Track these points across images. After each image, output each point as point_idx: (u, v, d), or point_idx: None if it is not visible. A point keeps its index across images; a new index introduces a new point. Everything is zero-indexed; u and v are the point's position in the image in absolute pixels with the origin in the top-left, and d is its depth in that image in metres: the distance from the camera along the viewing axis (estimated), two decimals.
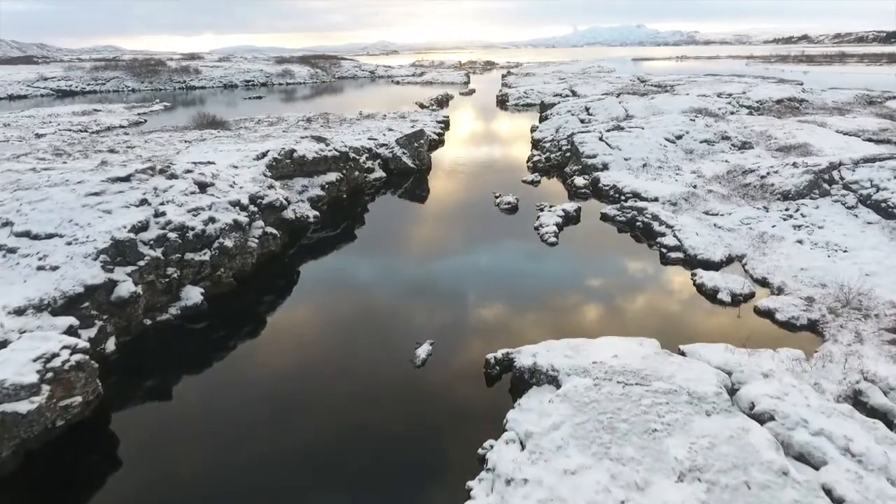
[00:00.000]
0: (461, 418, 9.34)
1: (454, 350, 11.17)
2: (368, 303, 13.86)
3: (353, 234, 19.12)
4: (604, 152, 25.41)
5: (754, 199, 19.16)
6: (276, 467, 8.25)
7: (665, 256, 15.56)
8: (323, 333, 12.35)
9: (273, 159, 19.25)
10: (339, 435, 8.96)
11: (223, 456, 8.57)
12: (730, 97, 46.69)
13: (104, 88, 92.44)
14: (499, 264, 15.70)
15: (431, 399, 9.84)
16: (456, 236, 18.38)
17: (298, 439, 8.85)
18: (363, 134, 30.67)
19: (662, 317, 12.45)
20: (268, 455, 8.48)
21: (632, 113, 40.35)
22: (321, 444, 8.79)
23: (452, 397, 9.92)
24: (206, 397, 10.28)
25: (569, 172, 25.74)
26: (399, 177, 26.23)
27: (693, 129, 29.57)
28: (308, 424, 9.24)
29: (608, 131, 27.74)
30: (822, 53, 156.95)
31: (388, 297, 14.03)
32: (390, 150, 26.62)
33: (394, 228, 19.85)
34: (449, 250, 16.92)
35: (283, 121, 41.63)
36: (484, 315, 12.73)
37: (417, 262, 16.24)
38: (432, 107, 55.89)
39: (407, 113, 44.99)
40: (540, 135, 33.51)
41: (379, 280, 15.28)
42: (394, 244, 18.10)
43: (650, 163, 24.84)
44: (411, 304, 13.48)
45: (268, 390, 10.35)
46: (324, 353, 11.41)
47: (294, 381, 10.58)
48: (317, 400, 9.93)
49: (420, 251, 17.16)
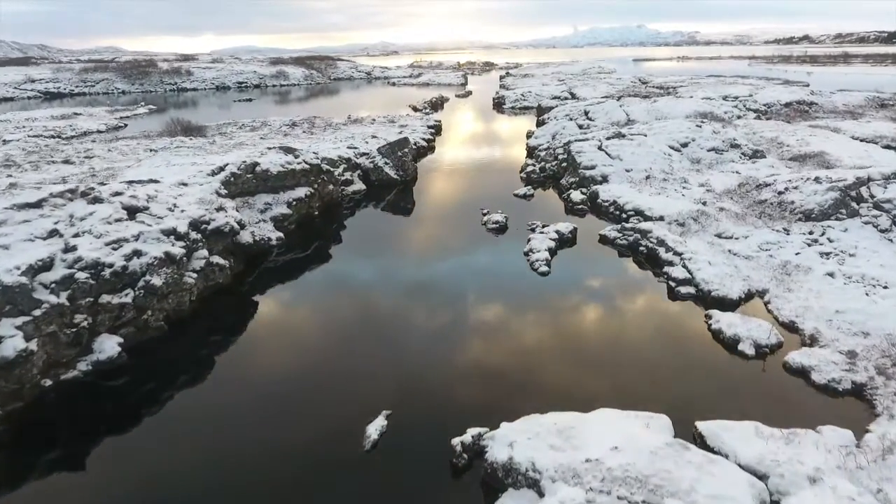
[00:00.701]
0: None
1: (414, 425, 8.99)
2: (320, 349, 11.73)
3: (322, 257, 17.00)
4: (603, 163, 23.24)
5: (772, 219, 17.00)
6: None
7: (674, 291, 13.39)
8: (259, 392, 10.18)
9: (231, 174, 17.11)
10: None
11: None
12: (736, 100, 44.52)
13: (93, 91, 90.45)
14: (479, 302, 13.53)
15: (376, 498, 7.68)
16: (434, 264, 16.20)
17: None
18: (345, 141, 28.56)
19: (673, 376, 10.27)
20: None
21: (633, 117, 38.20)
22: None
23: (406, 495, 7.76)
24: (113, 474, 8.15)
25: (565, 185, 23.58)
26: (381, 189, 24.09)
27: (700, 137, 27.41)
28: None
29: (608, 139, 25.58)
30: (826, 54, 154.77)
31: (345, 342, 11.88)
32: (371, 160, 24.48)
33: (366, 252, 17.69)
34: (424, 284, 14.76)
35: (267, 125, 39.55)
36: (454, 373, 10.56)
37: (385, 298, 14.09)
38: (425, 110, 53.79)
39: (397, 117, 42.89)
40: (535, 141, 31.37)
41: (336, 319, 13.14)
42: (362, 274, 15.95)
43: (654, 174, 22.67)
44: (371, 353, 11.31)
45: (184, 468, 8.23)
46: (254, 423, 9.23)
47: (210, 466, 8.42)
48: (236, 489, 7.78)
49: (390, 284, 15.00)
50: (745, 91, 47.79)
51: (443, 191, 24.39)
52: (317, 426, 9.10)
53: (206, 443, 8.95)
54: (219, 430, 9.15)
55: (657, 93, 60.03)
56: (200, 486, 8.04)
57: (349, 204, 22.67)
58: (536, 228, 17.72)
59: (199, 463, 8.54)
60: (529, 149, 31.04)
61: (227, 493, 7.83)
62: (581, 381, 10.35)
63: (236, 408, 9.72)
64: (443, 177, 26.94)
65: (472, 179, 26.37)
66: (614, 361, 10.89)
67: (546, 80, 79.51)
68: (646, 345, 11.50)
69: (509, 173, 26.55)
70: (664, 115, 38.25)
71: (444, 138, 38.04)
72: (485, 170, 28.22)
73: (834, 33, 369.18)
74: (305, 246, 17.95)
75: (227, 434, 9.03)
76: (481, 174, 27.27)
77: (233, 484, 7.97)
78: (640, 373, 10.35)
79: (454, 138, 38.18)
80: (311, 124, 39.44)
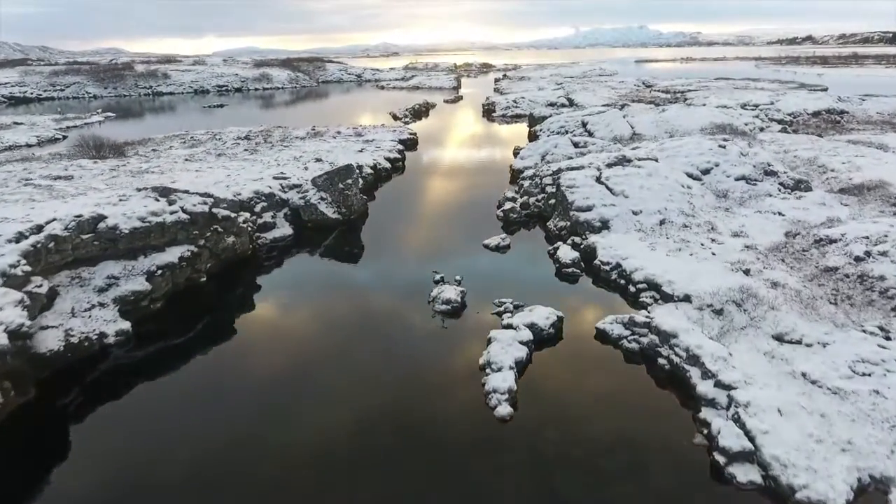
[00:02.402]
0: None
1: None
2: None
3: (190, 350, 11.44)
4: (603, 200, 17.56)
5: (856, 308, 11.33)
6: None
7: (722, 472, 7.72)
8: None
9: (49, 238, 11.52)
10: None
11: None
12: (756, 108, 38.79)
13: (63, 95, 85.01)
14: (389, 491, 7.88)
15: None
16: (341, 390, 10.43)
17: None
18: (284, 164, 22.97)
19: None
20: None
21: (640, 130, 32.56)
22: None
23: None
24: None
25: (553, 230, 17.93)
26: (315, 233, 18.45)
27: (724, 160, 21.78)
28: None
29: (609, 166, 19.92)
30: (836, 54, 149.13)
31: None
32: (303, 196, 18.88)
33: (248, 354, 11.93)
34: (313, 438, 9.14)
35: (217, 139, 33.96)
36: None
37: (246, 455, 8.48)
38: (406, 118, 48.20)
39: (368, 129, 37.27)
40: (521, 163, 25.76)
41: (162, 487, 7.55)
42: (229, 398, 10.27)
43: (670, 217, 17.02)
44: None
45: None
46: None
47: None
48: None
49: (262, 427, 9.38)
50: (765, 98, 42.02)
51: (393, 236, 18.76)
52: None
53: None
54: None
55: (665, 99, 54.27)
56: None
57: (269, 256, 17.08)
58: (504, 313, 12.12)
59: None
60: (514, 172, 25.44)
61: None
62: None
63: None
64: (399, 213, 21.31)
65: (436, 218, 20.75)
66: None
67: (543, 83, 73.84)
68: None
69: (484, 208, 20.87)
70: (676, 128, 32.62)
71: (417, 156, 32.44)
72: (455, 203, 22.57)
73: (837, 34, 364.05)
74: (177, 332, 12.38)
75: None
76: (449, 210, 21.64)
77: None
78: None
79: (428, 156, 32.52)
80: (264, 138, 33.90)
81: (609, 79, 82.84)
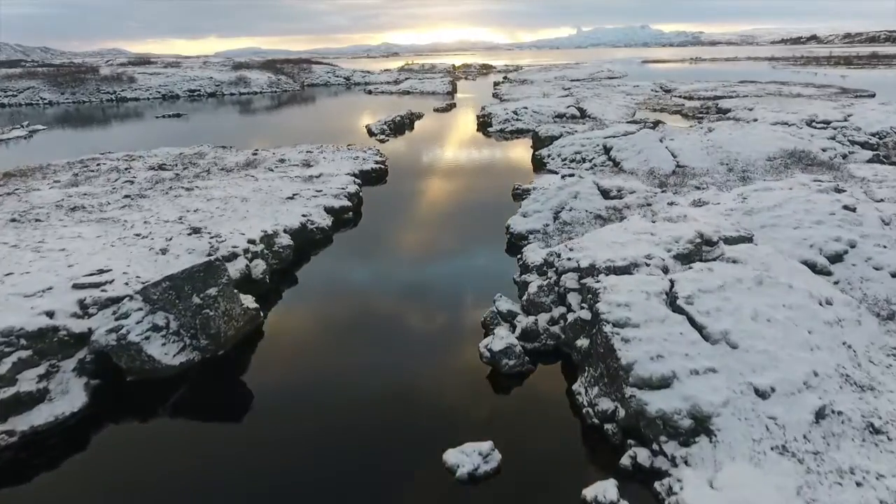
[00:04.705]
0: None
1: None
2: None
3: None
4: (688, 357, 8.78)
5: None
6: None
7: None
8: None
9: None
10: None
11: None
12: (827, 127, 29.94)
13: (14, 101, 76.25)
14: None
15: None
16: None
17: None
18: (130, 244, 14.37)
19: None
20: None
21: (685, 160, 23.83)
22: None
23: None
24: None
25: (586, 407, 9.16)
26: (139, 393, 9.87)
27: (860, 233, 13.09)
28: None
29: (680, 259, 11.19)
30: (856, 54, 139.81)
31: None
32: (119, 324, 10.19)
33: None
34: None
35: (120, 171, 25.28)
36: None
37: None
38: (383, 133, 39.51)
39: (322, 153, 28.53)
40: (525, 224, 17.06)
41: None
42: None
43: (829, 397, 8.33)
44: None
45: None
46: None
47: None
48: None
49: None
50: (833, 112, 33.13)
51: (281, 406, 10.07)
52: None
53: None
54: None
55: (695, 109, 45.40)
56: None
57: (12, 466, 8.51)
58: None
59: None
60: (514, 238, 16.71)
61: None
62: None
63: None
64: (306, 341, 12.48)
65: (370, 359, 11.96)
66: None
67: (548, 87, 65.02)
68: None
69: (456, 335, 12.11)
70: (733, 157, 23.88)
71: (383, 195, 23.74)
72: (410, 317, 13.59)
73: (843, 33, 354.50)
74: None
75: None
76: (397, 329, 12.84)
77: None
78: None
79: (397, 198, 23.71)
80: (183, 167, 25.29)
81: (620, 82, 73.99)
